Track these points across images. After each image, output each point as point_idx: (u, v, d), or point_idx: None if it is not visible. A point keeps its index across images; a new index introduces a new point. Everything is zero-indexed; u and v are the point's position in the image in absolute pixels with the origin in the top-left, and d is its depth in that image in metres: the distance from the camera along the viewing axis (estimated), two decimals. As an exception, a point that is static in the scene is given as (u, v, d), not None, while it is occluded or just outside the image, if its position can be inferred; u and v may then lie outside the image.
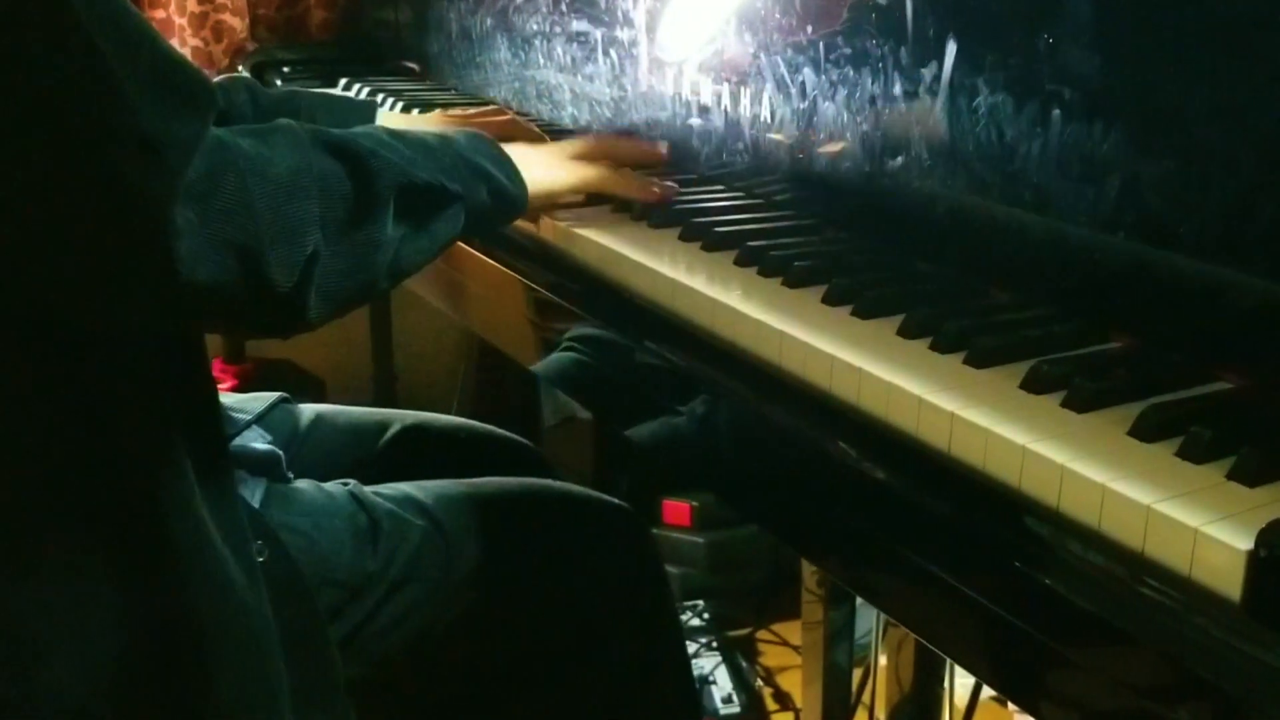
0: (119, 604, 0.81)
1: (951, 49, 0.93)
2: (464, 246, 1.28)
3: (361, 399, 2.52)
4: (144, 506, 0.82)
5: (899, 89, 0.99)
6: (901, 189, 1.01)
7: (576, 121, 1.49)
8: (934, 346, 0.84)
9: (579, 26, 1.45)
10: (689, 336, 0.97)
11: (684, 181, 1.25)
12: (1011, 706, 1.86)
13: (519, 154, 1.05)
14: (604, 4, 1.39)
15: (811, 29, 1.07)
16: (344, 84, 1.94)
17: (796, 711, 2.03)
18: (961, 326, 0.85)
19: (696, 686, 1.94)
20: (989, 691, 1.68)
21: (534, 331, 1.20)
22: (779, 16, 1.11)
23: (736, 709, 2.00)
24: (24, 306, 0.77)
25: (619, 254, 1.07)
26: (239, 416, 1.12)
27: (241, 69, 2.17)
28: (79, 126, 0.68)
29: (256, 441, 1.09)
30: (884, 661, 1.58)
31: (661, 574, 1.24)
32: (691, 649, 2.07)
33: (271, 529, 0.96)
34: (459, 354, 2.73)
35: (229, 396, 1.15)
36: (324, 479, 1.11)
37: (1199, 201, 0.77)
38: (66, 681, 0.80)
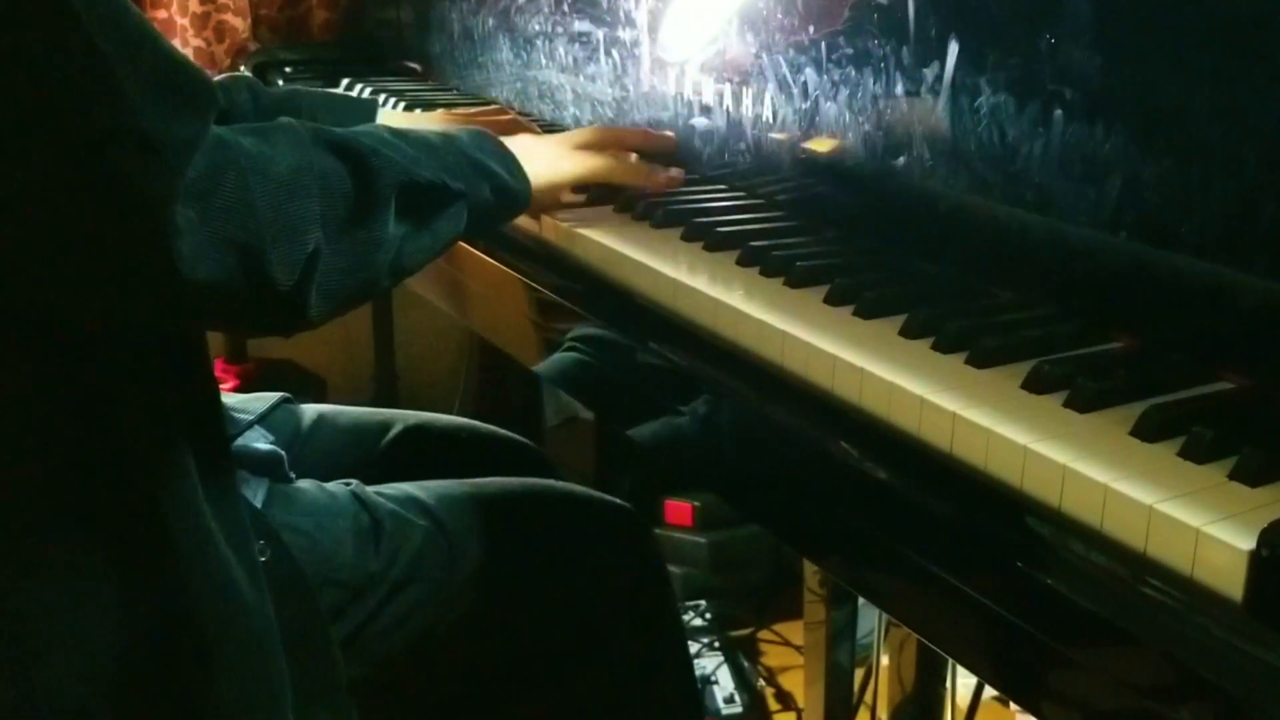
0: (120, 604, 0.81)
1: (953, 49, 0.93)
2: (466, 246, 1.28)
3: (363, 399, 2.52)
4: (146, 506, 0.82)
5: (901, 89, 0.99)
6: (903, 189, 1.01)
7: (579, 122, 1.49)
8: (936, 346, 0.84)
9: (581, 27, 1.45)
10: (691, 336, 0.97)
11: (686, 181, 1.25)
12: (1013, 706, 1.86)
13: (522, 147, 1.05)
14: (606, 4, 1.39)
15: (813, 29, 1.07)
16: (346, 84, 1.94)
17: (798, 711, 2.03)
18: (963, 326, 0.85)
19: (698, 686, 1.93)
20: (991, 692, 1.68)
21: (536, 331, 1.20)
22: (781, 16, 1.11)
23: (738, 709, 2.00)
24: (25, 306, 0.77)
25: (621, 254, 1.07)
26: (241, 417, 1.12)
27: (243, 69, 2.17)
28: (79, 126, 0.68)
29: (259, 441, 1.09)
30: (886, 661, 1.58)
31: (663, 574, 1.24)
32: (693, 649, 2.07)
33: (274, 529, 0.96)
34: (461, 354, 2.73)
35: (231, 397, 1.15)
36: (326, 479, 1.11)
37: (1200, 201, 0.77)
38: (67, 681, 0.80)
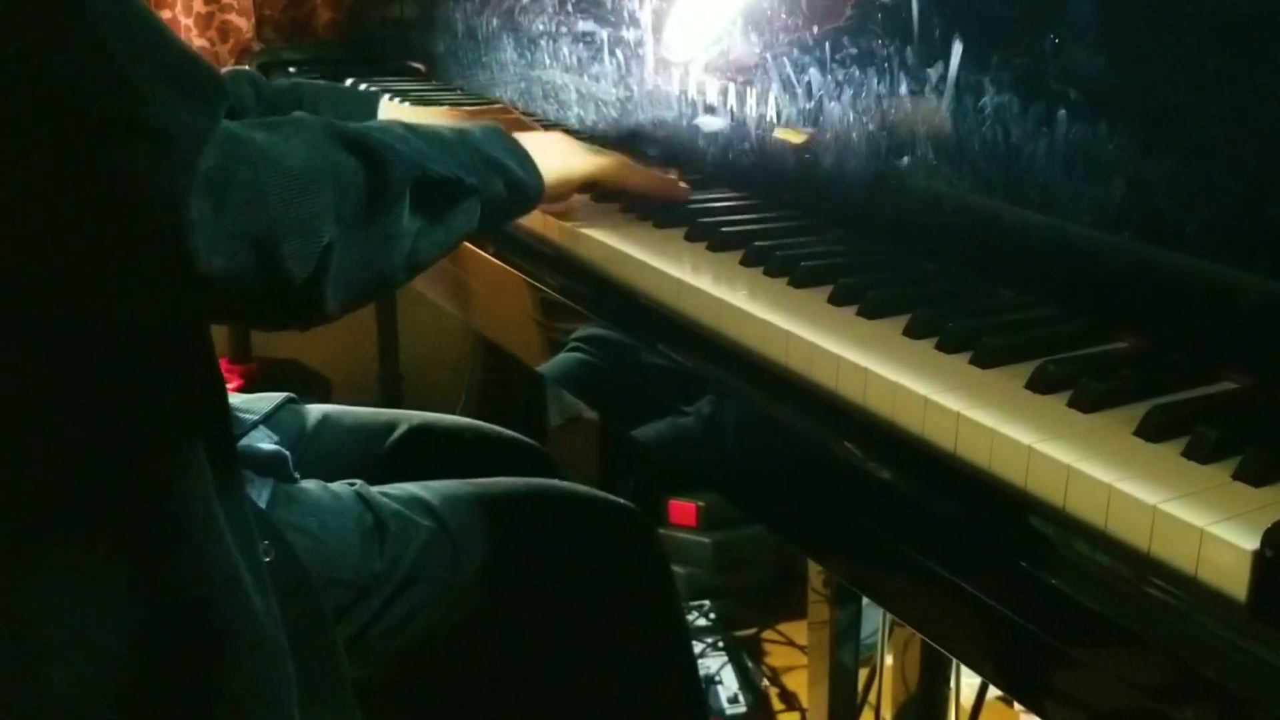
0: (127, 603, 0.81)
1: (957, 49, 0.93)
2: (470, 247, 1.28)
3: (367, 399, 2.52)
4: (157, 505, 0.82)
5: (905, 89, 0.99)
6: (907, 189, 1.01)
7: (583, 122, 1.49)
8: (940, 346, 0.84)
9: (585, 26, 1.45)
10: (695, 336, 0.97)
11: (690, 182, 1.25)
12: (1017, 706, 1.86)
13: (534, 143, 1.06)
14: (610, 4, 1.39)
15: (817, 29, 1.07)
16: (350, 84, 1.93)
17: (802, 711, 2.03)
18: (967, 326, 0.85)
19: (703, 686, 1.93)
20: (995, 691, 1.68)
21: (540, 332, 1.20)
22: (785, 16, 1.11)
23: (742, 709, 2.00)
24: (33, 303, 0.77)
25: (625, 254, 1.07)
26: (245, 417, 1.12)
27: (248, 69, 2.17)
28: (89, 120, 0.68)
29: (263, 442, 1.09)
30: (890, 661, 1.58)
31: (667, 574, 1.24)
32: (698, 649, 2.08)
33: (278, 529, 0.96)
34: (465, 354, 2.73)
35: (235, 397, 1.15)
36: (331, 479, 1.11)
37: (1205, 201, 0.77)
38: (72, 681, 0.80)
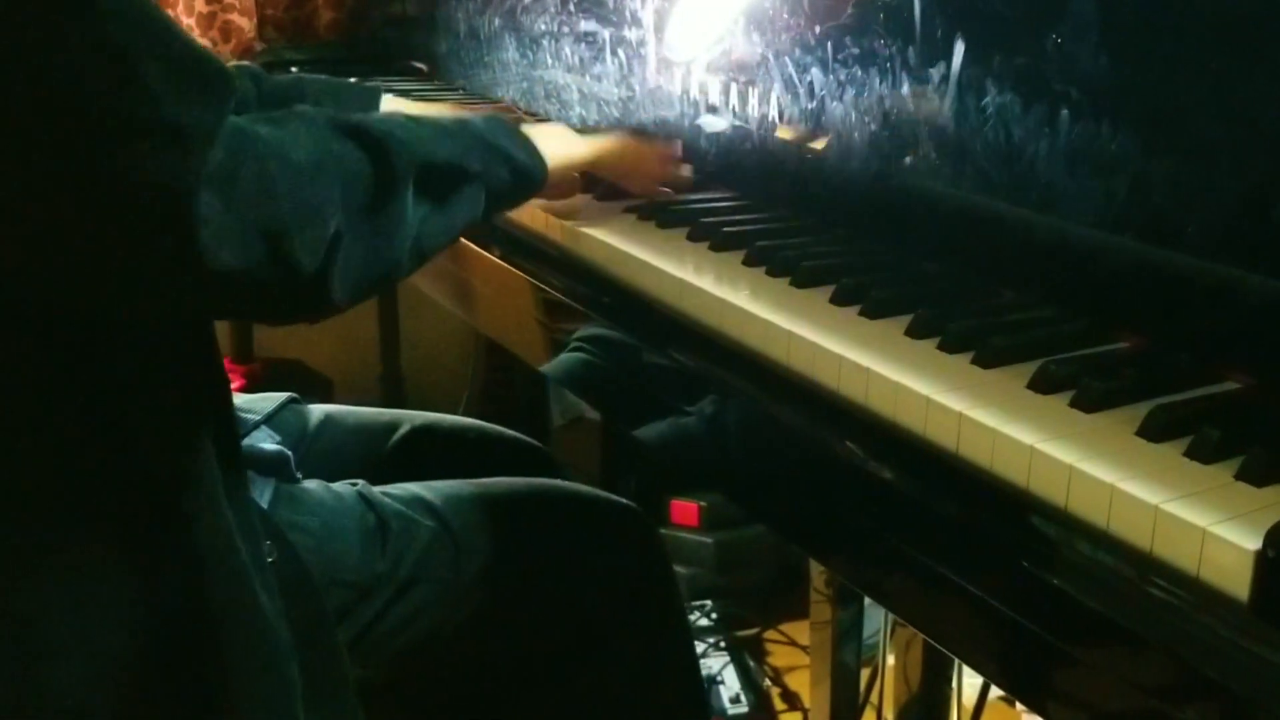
0: (132, 602, 0.81)
1: (959, 49, 0.93)
2: (473, 247, 1.28)
3: (369, 399, 2.52)
4: (162, 504, 0.82)
5: (907, 89, 0.99)
6: (909, 189, 1.01)
7: (585, 122, 1.49)
8: (942, 346, 0.84)
9: (587, 26, 1.45)
10: (697, 336, 0.97)
11: (692, 181, 1.25)
12: (1019, 706, 1.86)
13: (534, 131, 1.07)
14: (612, 4, 1.39)
15: (819, 29, 1.08)
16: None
17: (804, 711, 2.03)
18: (969, 326, 0.85)
19: (704, 686, 1.93)
20: (997, 691, 1.68)
21: (542, 331, 1.20)
22: (787, 16, 1.11)
23: (744, 709, 2.00)
24: (41, 300, 0.77)
25: (627, 254, 1.07)
26: (248, 417, 1.12)
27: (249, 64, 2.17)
28: (99, 118, 0.68)
29: (265, 442, 1.09)
30: (892, 661, 1.58)
31: (669, 574, 1.24)
32: (699, 649, 2.07)
33: (280, 529, 0.96)
34: (467, 354, 2.73)
35: (238, 397, 1.15)
36: (333, 479, 1.11)
37: (1207, 202, 0.77)
38: (73, 682, 0.80)
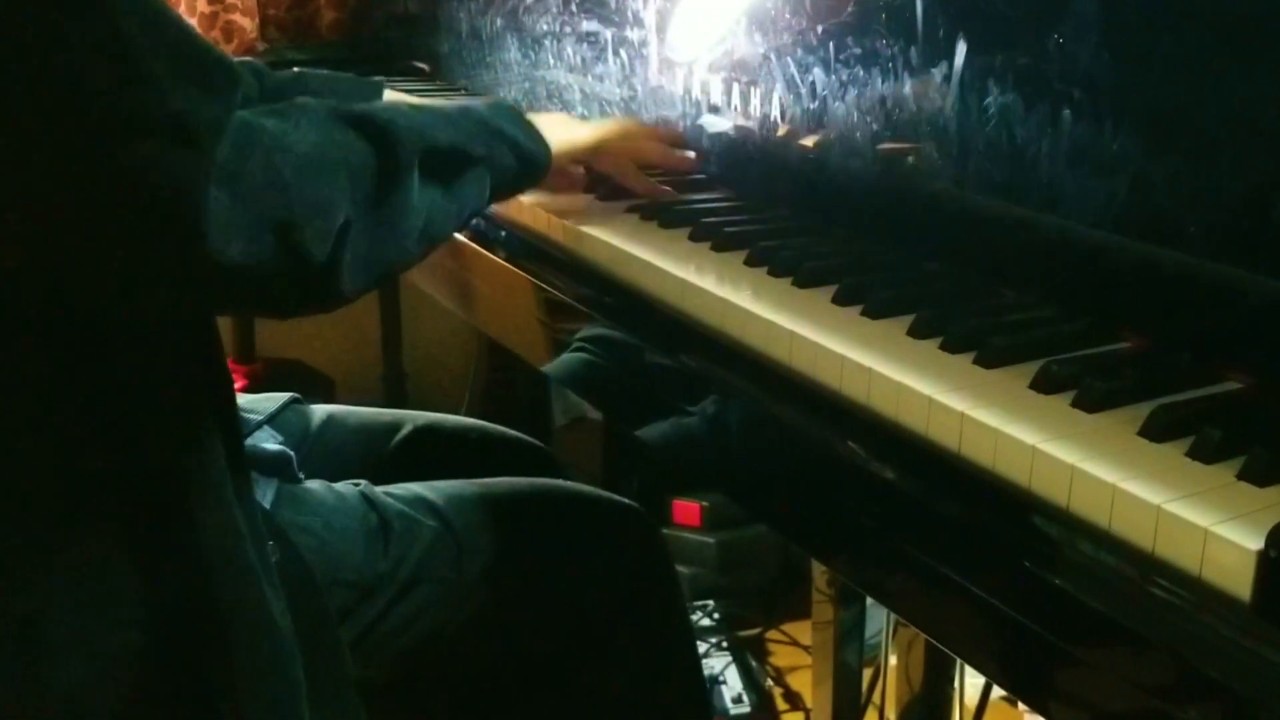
0: (139, 601, 0.81)
1: (961, 49, 0.93)
2: (475, 247, 1.28)
3: (371, 399, 2.52)
4: (169, 503, 0.82)
5: (909, 89, 0.99)
6: (911, 188, 1.01)
7: (586, 122, 1.49)
8: (944, 346, 0.84)
9: (589, 27, 1.45)
10: (699, 336, 0.97)
11: (694, 182, 1.25)
12: (1021, 706, 1.86)
13: (538, 118, 1.08)
14: (614, 4, 1.39)
15: (821, 29, 1.08)
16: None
17: (807, 711, 2.03)
18: (971, 326, 0.85)
19: (707, 686, 1.93)
20: (999, 691, 1.68)
21: (544, 332, 1.20)
22: (789, 17, 1.11)
23: (747, 709, 2.00)
24: (46, 297, 0.77)
25: (629, 254, 1.07)
26: (250, 417, 1.12)
27: (251, 59, 2.17)
28: (107, 113, 0.68)
29: (268, 442, 1.09)
30: (894, 661, 1.58)
31: (671, 574, 1.24)
32: (702, 649, 2.07)
33: (283, 529, 0.97)
34: (469, 354, 2.73)
35: (240, 397, 1.15)
36: (335, 479, 1.11)
37: (1209, 201, 0.77)
38: (76, 681, 0.80)
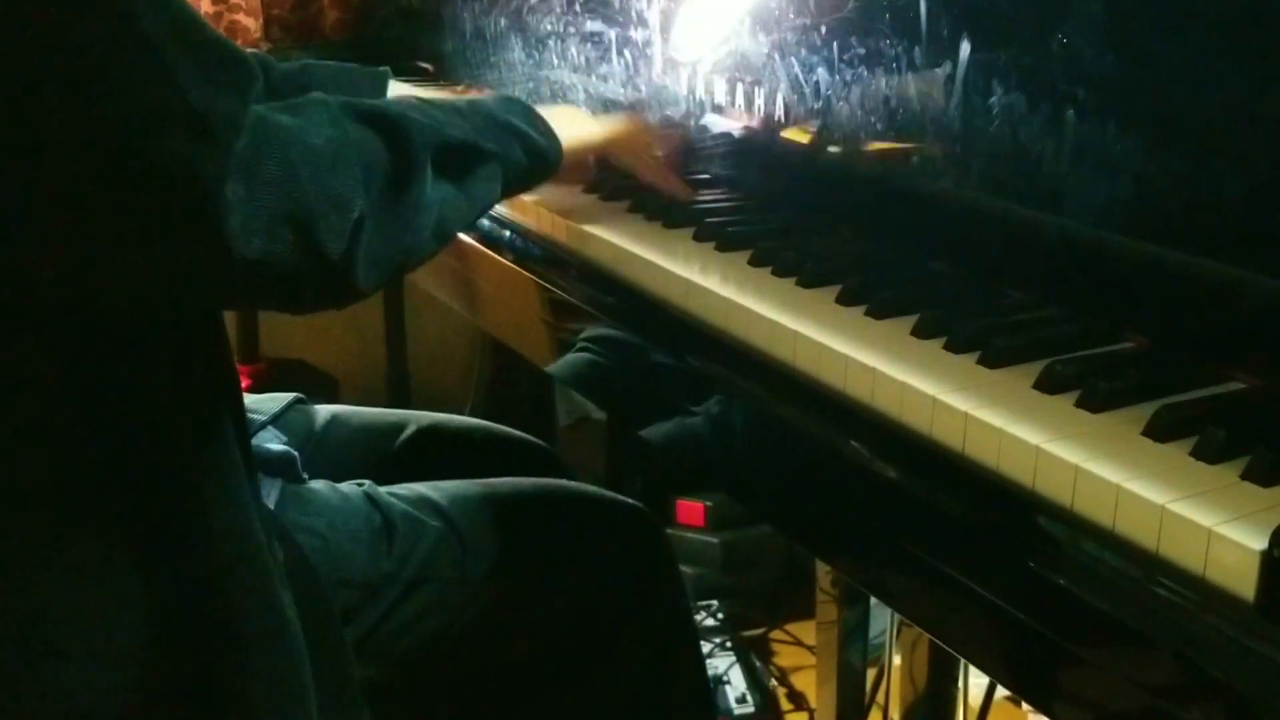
0: (139, 601, 0.81)
1: (965, 48, 0.93)
2: (479, 247, 1.28)
3: (375, 399, 2.52)
4: (177, 502, 0.82)
5: (913, 89, 0.99)
6: (915, 188, 1.01)
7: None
8: (948, 346, 0.84)
9: (593, 26, 1.45)
10: (703, 336, 0.97)
11: (698, 182, 1.25)
12: (1025, 706, 1.86)
13: (548, 112, 1.08)
14: (618, 4, 1.39)
15: (825, 29, 1.08)
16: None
17: (811, 711, 2.03)
18: (975, 327, 0.85)
19: (711, 686, 1.94)
20: (1003, 691, 1.68)
21: (548, 332, 1.20)
22: (793, 16, 1.11)
23: (751, 709, 2.00)
24: (60, 295, 0.77)
25: (632, 254, 1.07)
26: (254, 417, 1.12)
27: (256, 51, 2.18)
28: (128, 107, 0.69)
29: (271, 442, 1.10)
30: (898, 661, 1.58)
31: (675, 574, 1.24)
32: (706, 649, 2.07)
33: (287, 530, 0.97)
34: (473, 354, 2.73)
35: (244, 397, 1.15)
36: (339, 479, 1.11)
37: (1213, 201, 0.77)
38: (80, 680, 0.80)
